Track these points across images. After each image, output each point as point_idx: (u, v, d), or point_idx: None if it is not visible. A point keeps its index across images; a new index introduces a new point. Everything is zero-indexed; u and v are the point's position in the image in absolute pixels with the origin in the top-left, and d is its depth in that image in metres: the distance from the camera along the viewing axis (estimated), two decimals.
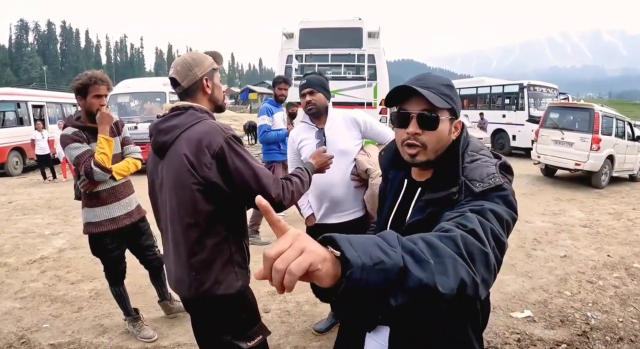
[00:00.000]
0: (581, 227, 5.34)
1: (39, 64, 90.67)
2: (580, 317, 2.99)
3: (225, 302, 1.45)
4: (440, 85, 1.04)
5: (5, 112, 11.51)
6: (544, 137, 8.77)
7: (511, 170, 1.06)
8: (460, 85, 18.12)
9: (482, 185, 0.95)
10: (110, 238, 2.47)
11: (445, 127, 1.05)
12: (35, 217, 6.16)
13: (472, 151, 1.07)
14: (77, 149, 2.27)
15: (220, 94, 1.57)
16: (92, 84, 2.27)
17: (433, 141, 1.04)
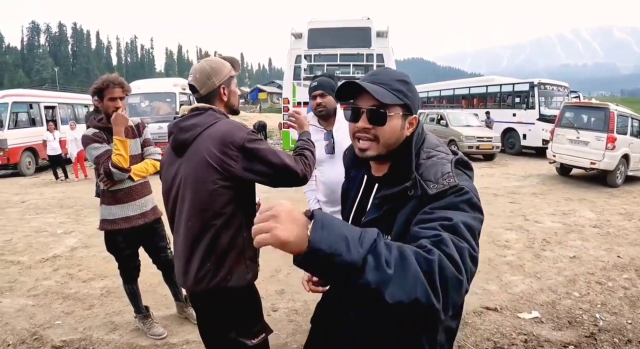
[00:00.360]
0: (591, 228, 5.28)
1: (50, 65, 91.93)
2: (589, 318, 2.97)
3: (234, 295, 1.51)
4: (393, 81, 1.03)
5: (18, 113, 11.72)
6: (560, 137, 8.80)
7: (469, 165, 1.05)
8: (470, 84, 18.00)
9: (436, 186, 0.94)
10: (123, 236, 2.53)
11: (397, 123, 1.03)
12: (47, 216, 6.27)
13: (427, 148, 1.06)
14: (97, 149, 2.36)
15: (236, 99, 1.65)
16: (106, 88, 2.34)
17: (384, 136, 1.03)
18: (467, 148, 12.23)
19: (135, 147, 2.52)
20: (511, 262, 4.07)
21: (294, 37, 10.28)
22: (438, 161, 1.00)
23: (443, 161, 1.00)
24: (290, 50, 10.00)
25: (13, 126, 11.29)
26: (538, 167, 11.13)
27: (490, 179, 9.21)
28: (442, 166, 0.98)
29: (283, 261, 3.88)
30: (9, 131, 10.98)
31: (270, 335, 2.71)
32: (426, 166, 1.00)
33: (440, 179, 0.95)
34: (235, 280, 1.49)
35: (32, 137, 11.35)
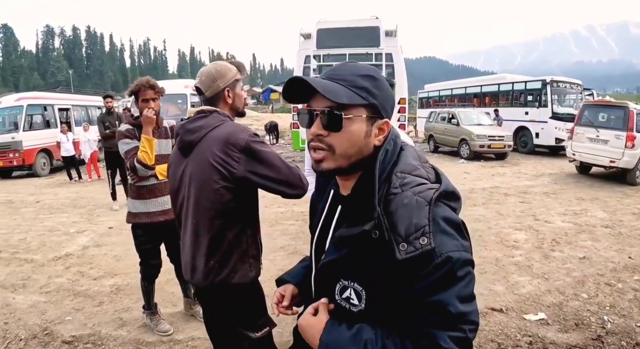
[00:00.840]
0: (603, 228, 5.19)
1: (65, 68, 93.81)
2: (596, 321, 2.93)
3: (238, 290, 1.56)
4: (355, 76, 0.83)
5: (33, 115, 11.99)
6: (579, 135, 8.85)
7: (455, 195, 0.84)
8: (482, 83, 17.81)
9: (405, 249, 0.73)
10: (143, 230, 2.64)
11: (359, 128, 0.83)
12: (61, 216, 6.41)
13: (402, 171, 0.82)
14: (127, 144, 2.52)
15: (241, 102, 1.70)
16: (139, 90, 2.49)
17: (341, 144, 0.83)
18: (478, 147, 12.12)
19: (166, 147, 2.61)
20: (519, 262, 4.03)
21: (303, 37, 10.32)
22: (413, 200, 0.77)
23: (419, 201, 0.76)
24: (299, 51, 10.04)
25: (28, 127, 11.56)
26: (550, 166, 10.97)
27: (501, 179, 9.11)
28: (418, 212, 0.75)
29: (289, 261, 3.91)
30: (24, 132, 11.24)
31: (274, 332, 2.74)
32: (398, 203, 0.77)
33: (412, 237, 0.73)
34: (238, 277, 1.54)
35: (47, 139, 11.59)
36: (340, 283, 0.84)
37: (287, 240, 4.72)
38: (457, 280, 0.75)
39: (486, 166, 11.13)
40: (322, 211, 0.99)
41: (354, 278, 0.82)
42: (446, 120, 14.00)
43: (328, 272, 0.87)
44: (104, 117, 6.96)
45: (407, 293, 0.76)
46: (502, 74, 18.09)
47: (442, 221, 0.76)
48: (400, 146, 0.88)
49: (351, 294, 0.83)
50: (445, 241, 0.75)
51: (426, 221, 0.74)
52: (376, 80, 0.85)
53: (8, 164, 11.08)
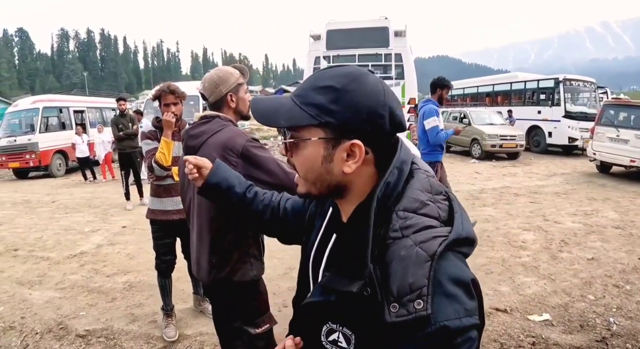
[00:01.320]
0: (613, 229, 5.13)
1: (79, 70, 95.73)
2: (602, 322, 2.92)
3: (239, 288, 1.64)
4: (311, 90, 0.70)
5: (49, 117, 12.30)
6: (600, 135, 8.92)
7: (469, 240, 0.68)
8: (494, 82, 17.64)
9: (395, 311, 0.60)
10: (158, 226, 2.76)
11: (312, 152, 0.70)
12: (76, 215, 6.59)
13: (405, 210, 0.66)
14: (148, 145, 2.70)
15: (245, 105, 1.74)
16: (161, 95, 2.63)
17: (300, 169, 0.74)
18: (490, 147, 12.04)
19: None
20: (526, 263, 4.02)
21: (313, 38, 10.37)
22: (412, 253, 0.62)
23: (419, 254, 0.62)
24: (309, 52, 10.10)
25: (44, 129, 11.85)
26: (563, 166, 10.84)
27: (512, 179, 9.04)
28: (416, 269, 0.61)
29: (296, 260, 3.96)
30: (40, 134, 11.53)
31: (280, 329, 2.81)
32: (393, 256, 0.63)
33: (406, 299, 0.60)
34: (239, 276, 1.61)
35: (62, 141, 11.87)
36: (328, 325, 0.73)
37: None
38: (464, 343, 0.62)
39: (497, 166, 11.05)
40: (318, 230, 0.85)
41: (343, 323, 0.71)
42: (458, 119, 13.92)
43: (314, 312, 0.74)
44: (117, 120, 7.12)
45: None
46: (514, 72, 17.88)
47: (446, 281, 0.62)
48: (409, 171, 0.71)
49: (339, 337, 0.72)
50: (445, 307, 0.60)
51: (425, 282, 0.60)
52: (337, 91, 0.67)
53: (25, 165, 11.39)
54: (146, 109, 10.38)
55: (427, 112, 4.33)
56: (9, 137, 11.56)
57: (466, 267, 0.67)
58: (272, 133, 22.57)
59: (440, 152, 4.39)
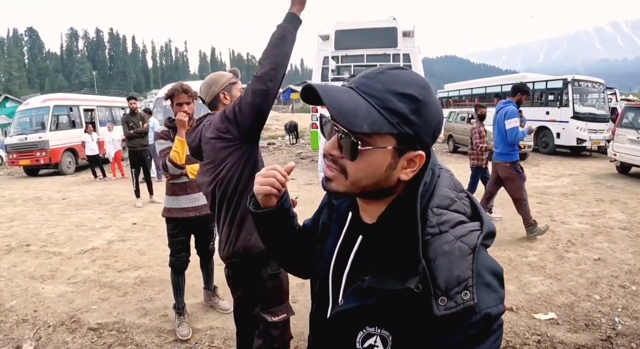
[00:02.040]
0: (620, 230, 5.11)
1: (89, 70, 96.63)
2: (607, 322, 2.93)
3: (257, 261, 1.72)
4: (391, 94, 0.65)
5: (59, 116, 12.49)
6: (620, 136, 9.15)
7: (494, 233, 0.72)
8: (502, 82, 17.55)
9: (444, 304, 0.63)
10: (174, 224, 2.82)
11: (380, 160, 0.68)
12: (87, 212, 6.70)
13: (439, 207, 0.69)
14: (161, 144, 2.77)
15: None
16: (173, 95, 2.69)
17: (355, 173, 0.70)
18: None
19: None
20: (532, 263, 4.04)
21: (321, 39, 10.41)
22: (455, 247, 0.65)
23: (462, 248, 0.65)
24: (318, 52, 10.15)
25: (54, 128, 12.04)
26: (571, 167, 10.78)
27: None
28: (460, 262, 0.64)
29: None
30: (51, 132, 11.73)
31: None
32: (437, 250, 0.66)
33: (454, 291, 0.63)
34: (255, 240, 1.66)
35: (72, 139, 12.05)
36: (364, 331, 0.72)
37: None
38: (490, 334, 0.67)
39: None
40: (337, 236, 0.83)
41: (381, 325, 0.71)
42: (466, 120, 13.88)
43: (348, 319, 0.74)
44: (127, 118, 7.22)
45: (438, 346, 0.66)
46: (523, 73, 17.78)
47: (484, 272, 0.66)
48: (435, 179, 0.73)
49: (376, 341, 0.72)
50: (486, 296, 0.65)
51: (470, 273, 0.64)
52: (418, 103, 0.66)
53: (35, 162, 11.59)
54: (156, 108, 10.48)
55: (510, 113, 4.48)
56: (20, 135, 11.76)
57: (494, 259, 0.71)
58: (279, 133, 22.67)
59: (517, 152, 4.64)
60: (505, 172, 4.68)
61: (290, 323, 2.86)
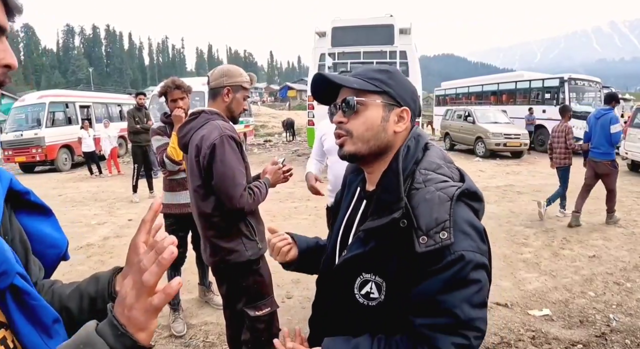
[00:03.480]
0: (616, 227, 5.15)
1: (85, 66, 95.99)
2: (602, 318, 2.95)
3: (237, 269, 1.73)
4: (369, 71, 0.92)
5: (55, 112, 12.42)
6: (632, 136, 9.59)
7: (478, 196, 0.85)
8: (499, 80, 17.61)
9: (425, 242, 0.74)
10: (173, 220, 2.82)
11: (374, 113, 0.88)
12: (82, 208, 6.67)
13: (426, 169, 0.84)
14: (158, 141, 2.76)
15: (238, 107, 1.80)
16: (166, 91, 2.68)
17: (358, 128, 0.89)
18: (494, 145, 12.03)
19: None
20: (527, 259, 4.06)
21: (318, 35, 10.40)
22: (435, 196, 0.78)
23: (441, 196, 0.78)
24: (315, 49, 10.14)
25: (50, 124, 11.98)
26: None
27: (515, 177, 9.04)
28: (439, 207, 0.77)
29: None
30: (47, 129, 11.67)
31: (283, 320, 2.85)
32: (420, 198, 0.79)
33: (433, 231, 0.75)
34: (235, 257, 1.70)
35: (68, 135, 11.99)
36: (361, 277, 0.86)
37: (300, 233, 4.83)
38: (469, 283, 0.75)
39: (501, 164, 11.04)
40: (347, 207, 1.01)
41: (376, 271, 0.84)
42: (462, 118, 13.91)
43: (350, 266, 0.88)
44: (134, 113, 7.17)
45: (419, 290, 0.77)
46: (520, 71, 17.83)
47: (461, 222, 0.77)
48: (425, 145, 0.90)
49: (372, 288, 0.85)
50: (462, 240, 0.75)
51: (447, 216, 0.76)
52: (389, 73, 0.91)
53: (31, 159, 11.53)
54: (152, 105, 10.45)
55: (614, 119, 5.12)
56: (16, 132, 11.68)
57: (477, 219, 0.83)
58: (276, 130, 22.65)
59: (614, 151, 5.23)
60: (606, 169, 5.22)
61: (286, 319, 2.88)
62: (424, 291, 0.77)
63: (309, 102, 9.91)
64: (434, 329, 0.76)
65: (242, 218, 1.73)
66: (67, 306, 0.69)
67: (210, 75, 1.78)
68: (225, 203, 1.64)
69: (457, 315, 0.74)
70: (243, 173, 1.67)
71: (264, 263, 1.82)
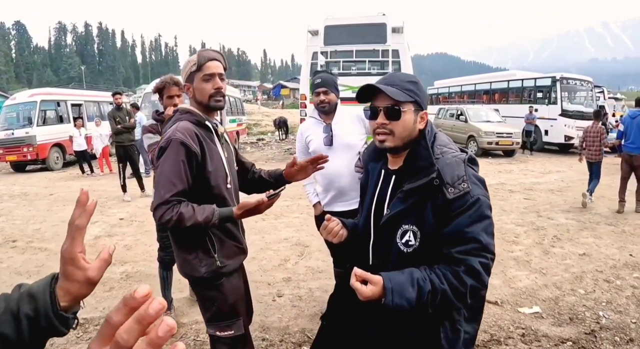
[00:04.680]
0: (606, 225, 5.20)
1: (77, 64, 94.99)
2: (591, 316, 2.97)
3: (196, 283, 1.65)
4: (404, 82, 1.20)
5: (46, 111, 12.24)
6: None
7: (476, 161, 1.24)
8: (491, 79, 17.69)
9: (453, 191, 1.09)
10: None
11: (410, 117, 1.19)
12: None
13: (440, 145, 1.21)
14: (150, 138, 2.70)
15: (203, 94, 1.57)
16: (164, 87, 2.62)
17: (399, 129, 1.19)
18: (486, 144, 12.09)
19: None
20: (518, 257, 4.09)
21: (311, 34, 10.38)
22: (453, 160, 1.14)
23: (457, 160, 1.15)
24: (307, 47, 10.12)
25: (42, 123, 11.81)
26: (559, 164, 10.92)
27: (507, 176, 9.11)
28: (457, 167, 1.13)
29: (291, 252, 4.03)
30: (38, 127, 11.50)
31: (273, 318, 2.86)
32: (443, 163, 1.14)
33: (457, 184, 1.10)
34: (189, 270, 1.59)
35: (60, 134, 11.83)
36: (402, 228, 1.17)
37: (291, 232, 4.84)
38: (484, 218, 1.12)
39: (493, 163, 11.11)
40: (374, 187, 1.31)
41: (413, 222, 1.16)
42: (455, 116, 13.97)
43: (393, 221, 1.19)
44: (114, 113, 7.13)
45: (451, 227, 1.10)
46: (512, 70, 17.94)
47: (471, 177, 1.14)
48: (434, 131, 1.26)
49: (410, 236, 1.16)
50: (476, 188, 1.12)
51: (464, 173, 1.13)
52: (417, 84, 1.22)
53: (22, 158, 11.37)
54: (144, 103, 10.38)
55: None
56: (7, 130, 11.52)
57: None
58: (269, 129, 22.59)
59: None
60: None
61: (276, 317, 2.88)
62: (455, 226, 1.10)
63: (302, 100, 9.89)
64: (465, 253, 1.08)
65: (202, 229, 1.53)
66: (1, 332, 0.57)
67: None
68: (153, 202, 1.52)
69: (480, 241, 1.09)
70: (173, 184, 1.46)
71: (229, 281, 1.62)
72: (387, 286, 1.05)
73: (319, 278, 3.58)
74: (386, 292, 1.05)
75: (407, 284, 1.06)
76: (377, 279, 1.07)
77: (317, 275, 3.64)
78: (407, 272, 1.09)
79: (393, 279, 1.07)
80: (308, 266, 3.78)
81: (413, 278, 1.07)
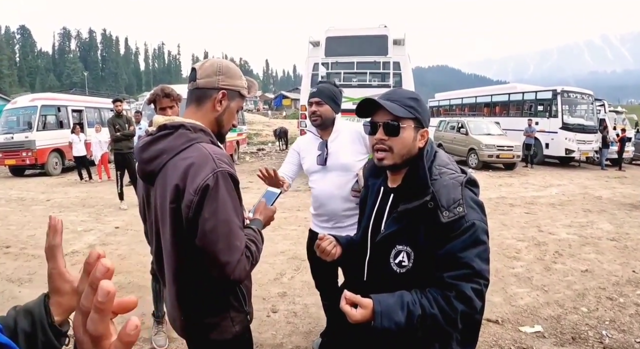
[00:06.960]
0: (608, 241, 5.13)
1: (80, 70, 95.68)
2: (594, 335, 2.89)
3: (223, 346, 1.29)
4: (404, 98, 1.17)
5: (46, 116, 12.24)
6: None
7: (476, 183, 1.18)
8: (492, 92, 17.75)
9: (448, 215, 1.06)
10: None
11: (409, 134, 1.16)
12: (70, 214, 6.54)
13: (439, 165, 1.16)
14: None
15: (230, 121, 1.31)
16: (155, 99, 2.57)
17: (398, 145, 1.15)
18: (487, 157, 12.05)
19: None
20: (519, 274, 4.01)
21: (312, 45, 10.42)
22: (450, 182, 1.11)
23: (454, 182, 1.11)
24: (308, 58, 10.14)
25: (42, 128, 11.81)
26: (559, 178, 10.88)
27: (508, 189, 9.05)
28: (454, 190, 1.09)
29: (288, 265, 3.94)
30: (38, 132, 11.49)
31: (267, 335, 2.78)
32: (440, 185, 1.10)
33: (452, 207, 1.07)
34: (217, 334, 1.25)
35: (59, 139, 11.80)
36: (396, 249, 1.15)
37: (288, 245, 4.76)
38: (479, 243, 1.07)
39: (494, 176, 11.06)
40: (373, 203, 1.29)
41: (407, 243, 1.13)
42: (455, 129, 13.96)
43: (388, 241, 1.17)
44: (114, 120, 7.10)
45: (445, 251, 1.06)
46: (513, 83, 18.00)
47: (469, 200, 1.10)
48: (435, 148, 1.23)
49: (403, 257, 1.14)
50: (472, 212, 1.08)
51: (460, 196, 1.08)
52: (418, 101, 1.19)
53: (21, 162, 11.35)
54: (144, 111, 10.38)
55: None
56: (6, 134, 11.51)
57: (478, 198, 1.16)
58: (269, 139, 22.59)
59: None
60: None
61: (270, 334, 2.80)
62: (447, 251, 1.06)
63: (302, 111, 9.88)
64: (457, 278, 1.05)
65: (234, 285, 1.25)
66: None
67: (199, 69, 1.24)
68: (213, 271, 1.13)
69: (473, 266, 1.05)
70: (241, 229, 1.16)
71: (249, 332, 1.40)
72: (377, 310, 1.04)
73: (315, 293, 3.46)
74: (375, 315, 1.03)
75: (397, 308, 1.04)
76: (367, 302, 1.04)
77: (313, 290, 3.53)
78: (398, 295, 1.07)
79: (383, 302, 1.05)
80: (304, 281, 3.69)
81: (403, 302, 1.05)
